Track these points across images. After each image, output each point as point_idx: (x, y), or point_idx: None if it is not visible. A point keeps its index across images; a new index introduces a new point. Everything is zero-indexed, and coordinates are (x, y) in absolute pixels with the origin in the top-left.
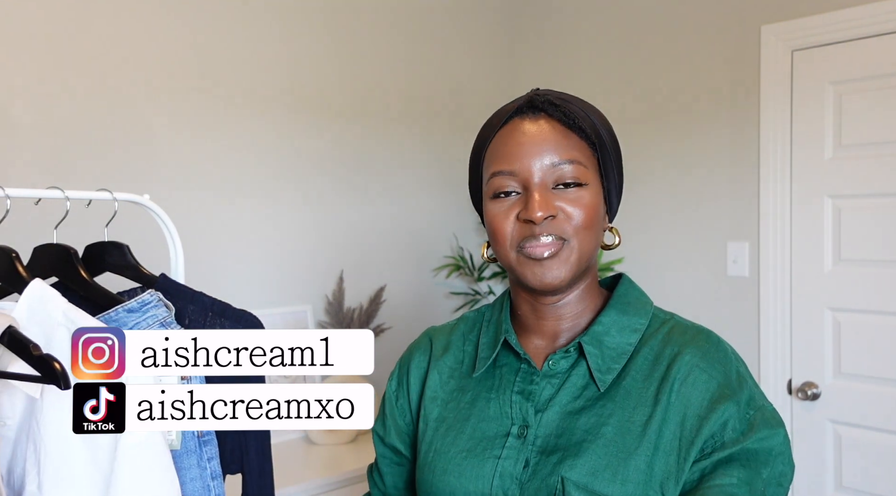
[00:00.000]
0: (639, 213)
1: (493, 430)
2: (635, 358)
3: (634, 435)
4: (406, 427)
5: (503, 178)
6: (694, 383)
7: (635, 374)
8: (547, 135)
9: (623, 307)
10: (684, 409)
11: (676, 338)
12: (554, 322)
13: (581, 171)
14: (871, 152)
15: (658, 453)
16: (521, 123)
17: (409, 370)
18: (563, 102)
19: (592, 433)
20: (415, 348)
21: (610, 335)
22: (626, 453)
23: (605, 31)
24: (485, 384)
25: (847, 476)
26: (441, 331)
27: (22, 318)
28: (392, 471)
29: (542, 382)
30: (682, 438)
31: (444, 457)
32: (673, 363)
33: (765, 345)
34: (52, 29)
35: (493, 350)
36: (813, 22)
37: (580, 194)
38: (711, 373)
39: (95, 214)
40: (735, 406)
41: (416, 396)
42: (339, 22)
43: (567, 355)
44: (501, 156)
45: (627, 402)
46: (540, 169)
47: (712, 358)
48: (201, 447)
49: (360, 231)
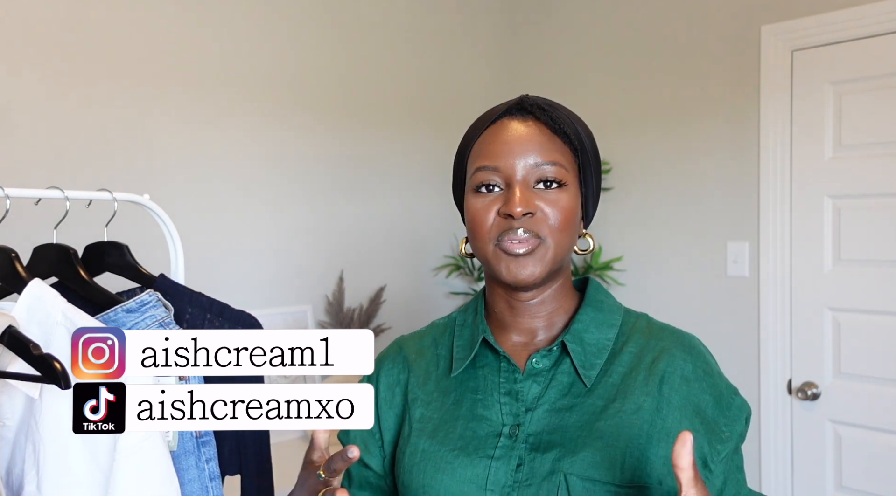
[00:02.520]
0: (639, 212)
1: (484, 430)
2: (619, 353)
3: (628, 425)
4: (371, 436)
5: (487, 172)
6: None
7: (620, 368)
8: (533, 136)
9: (598, 305)
10: (683, 409)
11: (656, 333)
12: (530, 319)
13: (562, 173)
14: (871, 152)
15: (652, 441)
16: (510, 123)
17: (378, 378)
18: (550, 108)
19: (586, 429)
20: (383, 357)
21: (589, 332)
22: (622, 443)
23: (604, 31)
24: (467, 385)
25: (847, 476)
26: (411, 338)
27: (21, 318)
28: (360, 476)
29: (526, 381)
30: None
31: (434, 457)
32: (659, 359)
33: (765, 345)
34: (52, 29)
35: (470, 350)
36: (813, 22)
37: (559, 196)
38: (702, 384)
39: (95, 214)
40: (724, 414)
41: (387, 403)
42: (340, 22)
43: (549, 353)
44: (487, 152)
45: (617, 396)
46: (523, 167)
47: (698, 364)
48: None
49: (360, 231)
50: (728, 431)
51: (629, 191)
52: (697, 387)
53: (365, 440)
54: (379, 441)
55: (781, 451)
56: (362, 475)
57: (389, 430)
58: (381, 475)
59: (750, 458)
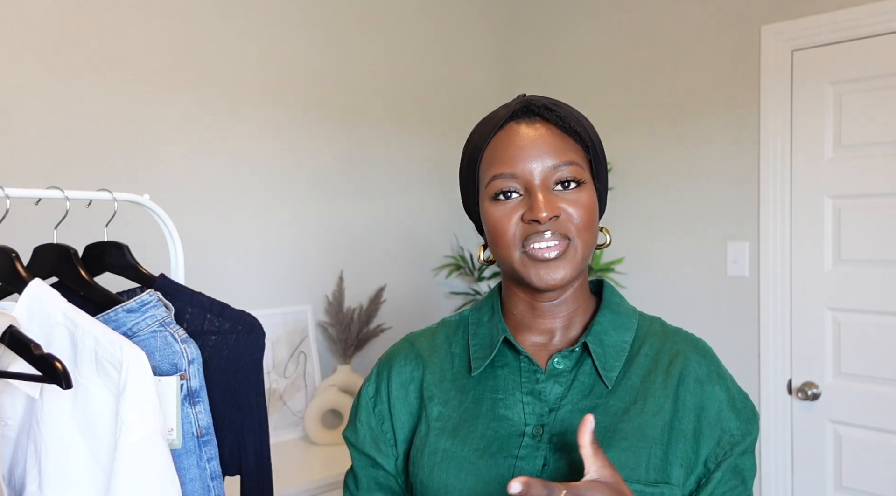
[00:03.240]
0: (639, 212)
1: (507, 430)
2: (636, 356)
3: (650, 426)
4: (383, 434)
5: (504, 180)
6: (701, 390)
7: (638, 371)
8: (545, 137)
9: (615, 308)
10: (697, 411)
11: (670, 336)
12: (550, 320)
13: (578, 171)
14: (871, 152)
15: (672, 442)
16: (518, 127)
17: (391, 375)
18: (556, 107)
19: (611, 430)
20: (394, 353)
21: (608, 334)
22: (645, 444)
23: (604, 31)
24: (487, 384)
25: (847, 476)
26: (422, 335)
27: (22, 318)
28: (364, 477)
29: (548, 382)
30: (695, 434)
31: (456, 457)
32: (675, 361)
33: (765, 345)
34: (52, 29)
35: (490, 349)
36: (813, 22)
37: (579, 195)
38: (715, 387)
39: (95, 214)
40: (737, 417)
41: (400, 401)
42: (340, 22)
43: (571, 354)
44: (501, 159)
45: (637, 398)
46: (541, 171)
47: (711, 368)
48: (201, 447)
49: (360, 231)
50: (739, 434)
51: (629, 191)
52: (710, 390)
53: (376, 440)
54: (392, 440)
55: (781, 451)
56: (372, 476)
57: (403, 429)
58: (392, 475)
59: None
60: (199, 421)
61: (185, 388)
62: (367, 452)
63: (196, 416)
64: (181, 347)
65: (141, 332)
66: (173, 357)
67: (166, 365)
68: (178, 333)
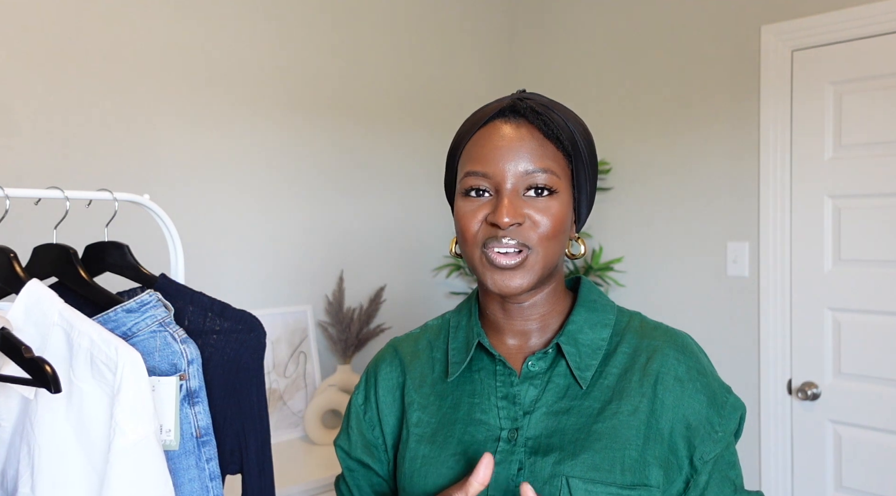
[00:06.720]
0: (639, 212)
1: (483, 435)
2: (614, 354)
3: (625, 427)
4: (375, 440)
5: (476, 178)
6: (681, 389)
7: (615, 369)
8: (525, 141)
9: (591, 305)
10: (677, 410)
11: (649, 332)
12: (523, 322)
13: (553, 180)
14: (871, 152)
15: (648, 442)
16: (502, 126)
17: (377, 382)
18: (545, 110)
19: (585, 431)
20: (380, 360)
21: (583, 332)
22: (621, 445)
23: (604, 31)
24: (464, 389)
25: (847, 476)
26: (406, 340)
27: (18, 319)
28: (360, 484)
29: (523, 385)
30: (675, 434)
31: (434, 462)
32: (653, 358)
33: (765, 345)
34: (52, 29)
35: (466, 354)
36: (813, 22)
37: (549, 203)
38: (696, 384)
39: (95, 214)
40: (718, 413)
41: (388, 407)
42: (340, 22)
43: (545, 356)
44: (477, 156)
45: (613, 397)
46: (514, 174)
47: (691, 365)
48: (200, 448)
49: (360, 231)
50: (721, 431)
51: (629, 191)
52: (691, 388)
53: (368, 446)
54: (383, 446)
55: (781, 451)
56: (367, 481)
57: (391, 434)
58: (386, 480)
59: (750, 458)
60: (199, 421)
61: (185, 389)
62: (360, 459)
63: (195, 417)
64: (181, 348)
65: (140, 333)
66: (173, 357)
67: (166, 365)
68: (178, 334)
